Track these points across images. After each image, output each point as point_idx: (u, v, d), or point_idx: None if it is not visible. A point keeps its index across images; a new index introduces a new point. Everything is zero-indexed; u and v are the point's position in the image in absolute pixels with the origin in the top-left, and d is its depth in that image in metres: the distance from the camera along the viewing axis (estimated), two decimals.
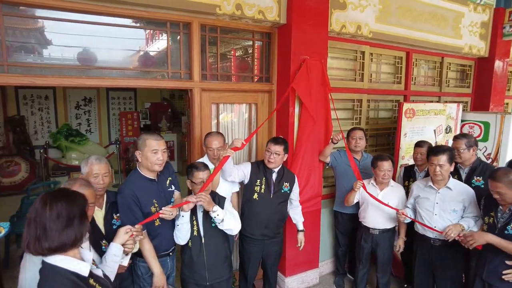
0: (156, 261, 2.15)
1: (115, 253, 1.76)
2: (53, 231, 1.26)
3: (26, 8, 2.50)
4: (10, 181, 6.25)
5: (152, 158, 2.14)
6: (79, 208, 1.34)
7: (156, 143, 2.15)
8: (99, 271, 1.51)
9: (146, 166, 2.18)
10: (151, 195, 2.19)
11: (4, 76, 2.40)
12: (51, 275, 1.29)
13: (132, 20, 2.87)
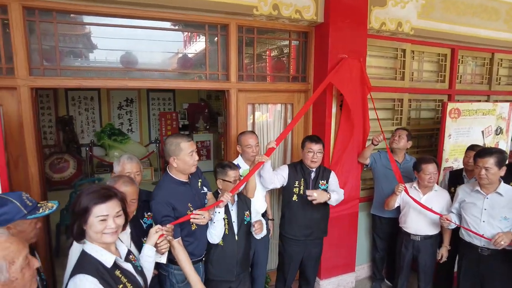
0: (193, 270, 2.05)
1: (148, 254, 1.81)
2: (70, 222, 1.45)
3: (76, 15, 2.67)
4: (60, 177, 6.68)
5: (190, 160, 2.11)
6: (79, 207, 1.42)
7: (189, 144, 2.12)
8: (128, 265, 1.56)
9: (183, 170, 2.14)
10: (186, 199, 2.15)
11: (57, 79, 2.57)
12: (83, 260, 1.43)
13: (172, 23, 2.96)
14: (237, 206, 2.42)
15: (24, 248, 1.14)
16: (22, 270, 1.11)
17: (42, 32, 2.53)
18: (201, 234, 2.24)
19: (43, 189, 2.65)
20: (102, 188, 1.47)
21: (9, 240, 1.11)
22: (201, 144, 7.89)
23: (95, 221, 1.40)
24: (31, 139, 2.51)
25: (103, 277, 1.38)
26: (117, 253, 1.53)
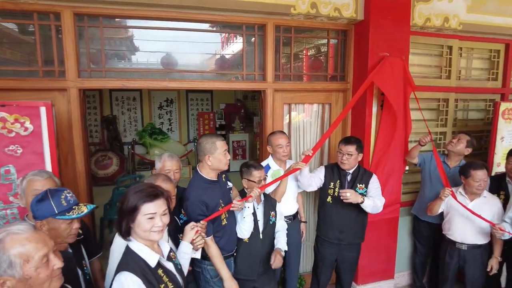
0: (224, 265, 2.13)
1: (185, 251, 1.85)
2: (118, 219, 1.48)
3: (120, 19, 2.80)
4: (104, 173, 7.05)
5: (224, 159, 2.17)
6: (127, 206, 1.44)
7: (223, 143, 2.19)
8: (170, 264, 1.59)
9: (216, 168, 2.19)
10: (217, 197, 2.20)
11: (102, 80, 2.71)
12: (128, 257, 1.46)
13: (210, 24, 3.01)
14: (263, 206, 2.44)
15: (43, 247, 1.14)
16: (37, 270, 1.10)
17: (89, 36, 2.68)
18: (230, 229, 2.28)
19: (88, 184, 2.80)
20: (149, 187, 1.50)
21: (29, 238, 1.12)
22: (236, 144, 7.98)
23: (143, 219, 1.43)
24: (79, 137, 2.66)
25: (146, 277, 1.41)
26: (159, 252, 1.56)
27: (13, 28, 2.73)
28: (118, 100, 8.26)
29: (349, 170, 2.72)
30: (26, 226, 1.16)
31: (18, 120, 2.17)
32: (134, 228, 1.46)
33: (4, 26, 2.68)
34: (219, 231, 2.20)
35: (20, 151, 2.20)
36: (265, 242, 2.39)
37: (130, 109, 8.39)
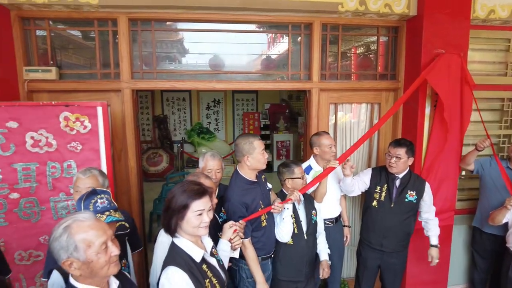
0: (259, 269, 2.11)
1: (224, 248, 1.88)
2: (163, 216, 1.54)
3: (170, 23, 2.93)
4: (155, 170, 7.42)
5: (262, 158, 2.16)
6: (176, 204, 1.48)
7: (260, 142, 2.17)
8: (213, 259, 1.63)
9: (255, 167, 2.19)
10: (257, 197, 2.19)
11: (153, 82, 2.86)
12: (174, 253, 1.50)
13: (256, 25, 3.04)
14: (304, 206, 2.40)
15: (103, 235, 1.23)
16: (97, 255, 1.19)
17: (142, 40, 2.83)
18: (270, 231, 2.26)
19: (140, 180, 2.96)
20: (195, 184, 1.55)
21: (91, 225, 1.22)
22: (280, 144, 7.96)
23: (193, 216, 1.48)
24: (132, 135, 2.83)
25: (192, 271, 1.45)
26: (203, 247, 1.60)
27: (77, 35, 2.98)
28: (169, 101, 8.63)
29: (398, 174, 2.59)
30: (90, 215, 1.27)
31: (79, 119, 2.36)
32: (181, 225, 1.51)
33: (70, 33, 2.94)
34: (259, 231, 2.20)
35: (80, 148, 2.39)
36: (309, 242, 2.35)
37: (180, 109, 8.73)
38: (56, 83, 2.72)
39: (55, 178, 2.38)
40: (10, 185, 2.31)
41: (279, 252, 2.32)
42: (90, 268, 1.19)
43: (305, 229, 2.33)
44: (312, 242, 2.40)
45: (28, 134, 2.30)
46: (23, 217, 2.35)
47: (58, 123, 2.33)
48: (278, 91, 8.82)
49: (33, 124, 2.30)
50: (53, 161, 2.36)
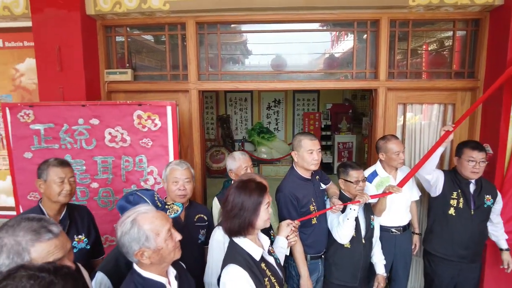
0: (304, 265, 2.13)
1: (281, 245, 1.89)
2: (226, 217, 1.53)
3: (235, 25, 3.01)
4: (217, 167, 7.72)
5: (308, 158, 2.15)
6: (251, 202, 1.50)
7: (311, 143, 2.16)
8: (271, 258, 1.64)
9: (302, 166, 2.20)
10: (309, 194, 2.20)
11: (218, 83, 2.97)
12: (233, 251, 1.52)
13: (320, 24, 2.98)
14: (363, 209, 2.31)
15: (167, 223, 1.32)
16: (165, 241, 1.28)
17: (208, 42, 2.96)
18: (320, 229, 2.23)
19: (203, 175, 3.10)
20: (256, 182, 1.58)
21: (155, 215, 1.31)
22: (342, 146, 7.72)
23: (263, 210, 1.53)
24: (197, 134, 2.97)
25: (252, 270, 1.46)
26: (260, 246, 1.61)
27: (150, 39, 3.22)
28: (232, 101, 8.90)
29: (473, 179, 2.36)
30: (149, 207, 1.37)
31: (150, 117, 2.54)
32: (255, 223, 1.53)
33: (143, 38, 3.19)
34: (308, 228, 2.20)
35: (151, 144, 2.57)
36: (366, 247, 2.27)
37: (241, 109, 8.95)
38: (131, 84, 2.98)
39: (128, 171, 2.60)
40: (91, 175, 2.59)
41: (334, 255, 2.27)
42: (160, 254, 1.28)
43: (363, 233, 2.26)
44: (369, 247, 2.32)
45: (107, 130, 2.55)
46: (101, 205, 2.61)
47: (132, 120, 2.55)
48: (341, 90, 8.58)
49: (111, 121, 2.55)
50: (127, 155, 2.59)
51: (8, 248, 1.00)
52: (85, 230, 1.96)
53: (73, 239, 1.90)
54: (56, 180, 1.81)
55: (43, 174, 1.83)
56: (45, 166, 1.84)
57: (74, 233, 1.91)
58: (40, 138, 2.54)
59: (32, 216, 1.10)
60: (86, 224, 1.99)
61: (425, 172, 2.43)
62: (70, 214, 1.92)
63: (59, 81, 2.73)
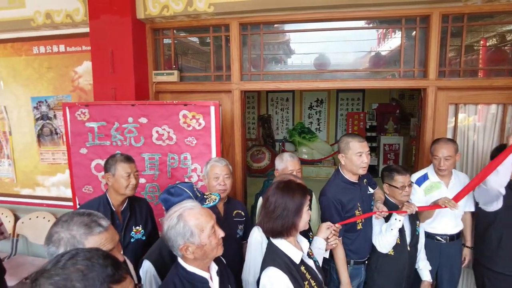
0: (345, 269, 2.07)
1: (319, 246, 1.85)
2: (268, 217, 1.51)
3: (278, 25, 3.02)
4: (257, 166, 7.77)
5: (357, 161, 2.06)
6: (294, 204, 1.49)
7: (360, 145, 2.06)
8: (310, 261, 1.62)
9: (350, 169, 2.11)
10: (355, 198, 2.12)
11: (260, 83, 2.99)
12: (273, 253, 1.51)
13: (365, 21, 2.89)
14: (408, 216, 2.17)
15: (211, 219, 1.35)
16: (209, 238, 1.31)
17: (251, 43, 2.99)
18: (365, 234, 2.16)
19: (244, 174, 3.15)
20: (297, 183, 1.57)
21: (200, 212, 1.34)
22: (388, 147, 7.41)
23: (305, 212, 1.53)
24: (239, 133, 3.02)
25: (292, 273, 1.44)
26: (299, 248, 1.59)
27: (195, 41, 3.33)
28: (273, 101, 8.91)
29: None
30: (195, 203, 1.41)
31: (195, 117, 2.63)
32: (297, 224, 1.52)
33: (189, 40, 3.30)
34: (353, 233, 2.13)
35: (195, 142, 2.66)
36: (411, 254, 2.17)
37: (283, 109, 8.93)
38: (177, 85, 3.10)
39: (174, 168, 2.71)
40: (139, 171, 2.72)
41: (377, 262, 2.18)
42: (203, 250, 1.32)
43: (408, 240, 2.15)
44: (414, 255, 2.22)
45: (154, 129, 2.68)
46: (147, 199, 2.74)
47: (178, 120, 2.65)
48: (387, 90, 8.23)
49: (158, 120, 2.67)
50: (173, 153, 2.70)
51: (65, 242, 1.08)
52: (142, 222, 2.11)
53: (131, 229, 2.04)
54: (124, 174, 1.97)
55: (111, 168, 1.99)
56: (113, 161, 2.01)
57: (133, 224, 2.06)
58: (94, 135, 2.73)
59: (83, 211, 1.18)
60: (144, 216, 2.13)
61: (497, 184, 2.13)
62: (131, 206, 2.08)
63: (112, 82, 2.91)
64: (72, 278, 0.76)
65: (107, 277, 0.79)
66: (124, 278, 0.84)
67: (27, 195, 3.66)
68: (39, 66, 3.39)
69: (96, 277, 0.78)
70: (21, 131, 3.57)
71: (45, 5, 3.12)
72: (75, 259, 0.79)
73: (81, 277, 0.76)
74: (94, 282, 0.77)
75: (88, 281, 0.77)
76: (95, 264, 0.80)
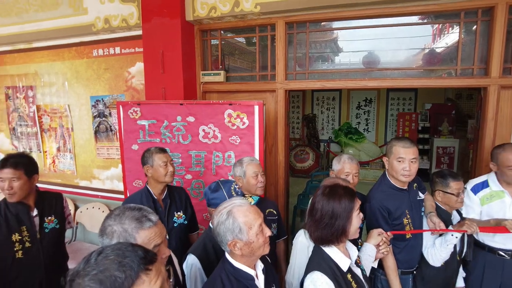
0: (397, 280, 1.95)
1: (369, 253, 1.78)
2: (316, 226, 1.46)
3: (324, 23, 2.95)
4: (301, 166, 7.69)
5: (397, 167, 1.94)
6: (342, 209, 1.43)
7: (403, 150, 1.92)
8: (358, 270, 1.55)
9: (392, 175, 2.00)
10: (403, 206, 1.99)
11: (305, 82, 2.95)
12: (320, 257, 1.46)
13: (419, 17, 2.73)
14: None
15: (259, 218, 1.36)
16: (256, 236, 1.32)
17: (297, 42, 2.96)
18: (415, 244, 2.03)
19: (286, 174, 3.12)
20: (344, 187, 1.52)
21: (249, 209, 1.35)
22: (442, 150, 6.93)
23: (355, 216, 1.47)
24: (282, 132, 3.01)
25: (338, 280, 1.40)
26: (347, 255, 1.53)
27: (241, 41, 3.37)
28: (319, 100, 8.76)
29: None
30: (244, 201, 1.42)
31: (239, 116, 2.66)
32: (348, 230, 1.47)
33: (235, 40, 3.35)
34: (402, 242, 2.01)
35: (239, 141, 2.70)
36: (459, 264, 2.06)
37: (329, 109, 8.75)
38: (223, 85, 3.16)
39: (218, 166, 2.77)
40: (186, 168, 2.83)
41: (426, 272, 2.05)
42: (251, 248, 1.33)
43: (458, 249, 2.03)
44: (460, 262, 2.11)
45: (201, 127, 2.76)
46: (193, 195, 2.83)
47: (223, 119, 2.70)
48: (442, 89, 7.71)
49: (205, 119, 2.74)
50: (218, 151, 2.76)
51: (118, 234, 1.14)
52: (182, 207, 2.26)
53: (174, 215, 2.20)
54: (161, 164, 2.12)
55: (149, 160, 2.14)
56: (149, 154, 2.16)
57: (174, 210, 2.21)
58: (144, 133, 2.88)
59: (133, 206, 1.24)
60: (183, 202, 2.28)
61: None
62: (170, 194, 2.23)
63: (162, 82, 3.05)
64: (109, 268, 0.79)
65: (141, 259, 0.82)
66: (156, 259, 0.87)
67: (85, 187, 3.96)
68: (98, 68, 3.65)
69: (131, 262, 0.81)
70: (81, 128, 3.87)
71: (104, 11, 3.35)
72: (104, 253, 0.83)
73: (117, 265, 0.79)
74: (131, 266, 0.80)
75: (125, 266, 0.80)
76: (125, 251, 0.83)
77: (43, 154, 4.18)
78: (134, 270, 0.80)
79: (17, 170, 1.95)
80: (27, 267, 2.00)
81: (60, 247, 2.26)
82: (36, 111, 4.12)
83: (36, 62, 4.04)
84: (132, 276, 0.80)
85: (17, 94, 4.26)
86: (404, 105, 8.25)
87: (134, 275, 0.80)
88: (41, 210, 2.10)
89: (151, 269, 0.83)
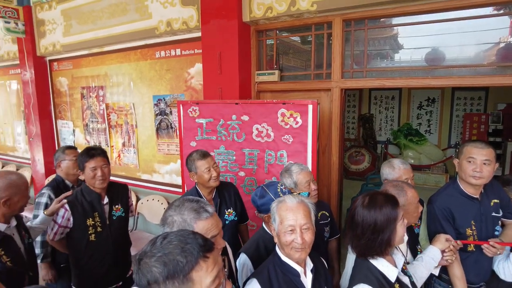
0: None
1: (433, 256, 1.69)
2: (357, 240, 1.41)
3: (384, 19, 2.82)
4: (356, 168, 7.44)
5: (467, 168, 1.79)
6: (384, 219, 1.36)
7: (475, 150, 1.77)
8: (406, 278, 1.48)
9: (462, 178, 1.85)
10: (469, 215, 1.84)
11: (362, 80, 2.86)
12: (366, 269, 1.40)
13: (493, 8, 2.49)
14: None
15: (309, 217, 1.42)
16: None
17: (354, 39, 2.87)
18: (479, 258, 1.86)
19: (340, 176, 3.05)
20: (384, 194, 1.46)
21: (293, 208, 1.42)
22: None
23: (399, 225, 1.40)
24: (337, 132, 2.94)
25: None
26: (392, 262, 1.46)
27: (296, 40, 3.36)
28: (377, 99, 8.39)
29: None
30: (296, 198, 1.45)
31: (292, 115, 2.66)
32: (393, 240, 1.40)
33: (290, 39, 3.35)
34: (462, 253, 1.87)
35: (291, 140, 2.70)
36: None
37: (387, 108, 8.34)
38: (277, 84, 3.18)
39: (270, 164, 2.80)
40: (240, 165, 2.90)
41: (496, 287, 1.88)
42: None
43: None
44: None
45: (254, 126, 2.81)
46: (245, 192, 2.90)
47: (276, 118, 2.72)
48: None
49: (259, 118, 2.79)
50: (270, 150, 2.79)
51: (178, 224, 1.23)
52: (232, 204, 2.33)
53: (224, 213, 2.28)
54: (204, 170, 2.17)
55: (192, 167, 2.22)
56: (191, 162, 2.22)
57: (225, 208, 2.29)
58: (202, 130, 3.01)
59: (192, 198, 1.33)
60: (233, 199, 2.35)
61: None
62: (219, 193, 2.30)
63: (219, 82, 3.16)
64: (172, 252, 0.86)
65: (201, 246, 0.89)
66: (213, 248, 0.93)
67: (146, 180, 4.25)
68: (160, 69, 3.89)
69: (191, 248, 0.87)
70: (144, 125, 4.15)
71: (166, 14, 3.56)
72: (168, 238, 0.90)
73: (179, 250, 0.86)
74: (191, 252, 0.86)
75: (186, 252, 0.86)
76: (187, 238, 0.90)
77: (110, 149, 4.56)
78: (194, 256, 0.86)
79: (106, 158, 2.25)
80: (99, 250, 2.22)
81: (125, 233, 2.47)
82: (105, 109, 4.51)
83: (106, 64, 4.43)
84: (192, 262, 0.86)
85: (90, 93, 4.71)
86: (472, 105, 7.58)
87: (194, 261, 0.86)
88: (111, 199, 2.31)
89: (209, 257, 0.89)
